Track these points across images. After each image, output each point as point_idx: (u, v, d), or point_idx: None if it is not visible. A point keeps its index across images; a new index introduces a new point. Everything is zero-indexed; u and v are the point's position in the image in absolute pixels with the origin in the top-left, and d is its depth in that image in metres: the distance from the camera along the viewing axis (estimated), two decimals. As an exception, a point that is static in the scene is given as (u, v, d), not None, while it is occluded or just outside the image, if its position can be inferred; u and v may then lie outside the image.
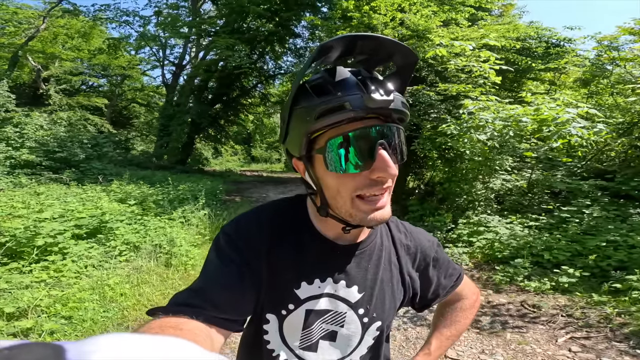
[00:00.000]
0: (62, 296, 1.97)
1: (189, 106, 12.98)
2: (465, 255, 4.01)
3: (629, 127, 4.68)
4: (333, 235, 0.56)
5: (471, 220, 4.78)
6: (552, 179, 5.02)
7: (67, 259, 2.58)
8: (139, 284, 2.62)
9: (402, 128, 0.49)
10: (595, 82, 5.34)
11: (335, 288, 0.56)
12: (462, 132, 4.14)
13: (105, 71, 16.00)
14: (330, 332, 0.58)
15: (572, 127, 3.18)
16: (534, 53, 6.16)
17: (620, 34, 4.37)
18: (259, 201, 7.89)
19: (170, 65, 14.49)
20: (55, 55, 13.54)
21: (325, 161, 0.47)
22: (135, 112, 18.76)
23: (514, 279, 3.27)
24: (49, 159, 7.09)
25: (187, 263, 3.40)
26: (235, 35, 10.37)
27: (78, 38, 14.65)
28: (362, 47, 0.47)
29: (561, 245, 3.54)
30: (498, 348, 2.23)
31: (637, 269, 2.79)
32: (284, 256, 0.55)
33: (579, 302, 2.73)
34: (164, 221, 4.31)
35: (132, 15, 12.93)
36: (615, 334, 2.26)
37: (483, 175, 5.22)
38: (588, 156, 5.35)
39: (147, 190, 6.09)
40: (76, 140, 8.24)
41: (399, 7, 5.92)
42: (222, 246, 0.54)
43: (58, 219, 3.29)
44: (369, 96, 0.43)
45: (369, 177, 0.47)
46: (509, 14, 8.04)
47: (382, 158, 0.46)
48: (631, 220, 3.69)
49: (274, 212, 0.59)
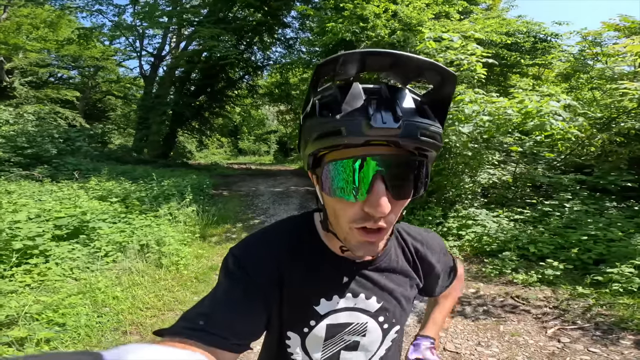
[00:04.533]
0: (51, 302, 1.84)
1: (170, 98, 12.46)
2: (456, 249, 4.13)
3: (607, 122, 4.92)
4: (345, 253, 0.55)
5: (460, 214, 4.91)
6: (534, 173, 5.23)
7: (50, 261, 2.41)
8: (130, 286, 2.50)
9: (421, 159, 0.44)
10: (575, 76, 5.55)
11: (355, 302, 0.56)
12: (447, 124, 4.21)
13: (76, 62, 15.00)
14: (352, 342, 0.59)
15: (553, 120, 3.30)
16: (521, 48, 6.32)
17: (605, 30, 4.53)
18: (249, 195, 7.75)
19: (149, 56, 13.77)
20: (19, 46, 12.51)
21: (324, 181, 0.45)
22: (111, 105, 17.81)
23: (503, 271, 3.40)
24: (17, 155, 6.60)
25: (179, 263, 3.29)
26: (221, 25, 9.99)
27: (44, 28, 13.56)
28: (373, 63, 0.42)
29: (545, 239, 3.71)
30: (493, 340, 2.31)
31: (616, 261, 2.97)
32: (299, 276, 0.54)
33: (564, 294, 2.88)
34: (149, 219, 4.14)
35: (106, 4, 12.11)
36: (598, 325, 2.40)
37: (471, 169, 5.37)
38: (567, 150, 5.62)
39: (129, 186, 5.82)
40: (46, 135, 7.70)
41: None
42: (230, 268, 0.52)
43: (35, 220, 3.07)
44: (368, 123, 0.39)
45: (362, 209, 0.43)
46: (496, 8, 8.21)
47: (375, 192, 0.42)
48: (608, 214, 3.92)
49: (283, 231, 0.58)
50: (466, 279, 3.43)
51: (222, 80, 13.78)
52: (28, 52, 13.00)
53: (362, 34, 5.93)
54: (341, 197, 0.44)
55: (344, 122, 0.40)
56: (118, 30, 12.10)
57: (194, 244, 4.17)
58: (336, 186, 0.43)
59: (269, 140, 25.74)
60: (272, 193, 8.00)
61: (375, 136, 0.39)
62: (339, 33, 5.92)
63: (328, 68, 0.41)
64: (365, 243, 0.46)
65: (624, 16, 4.19)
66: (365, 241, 0.45)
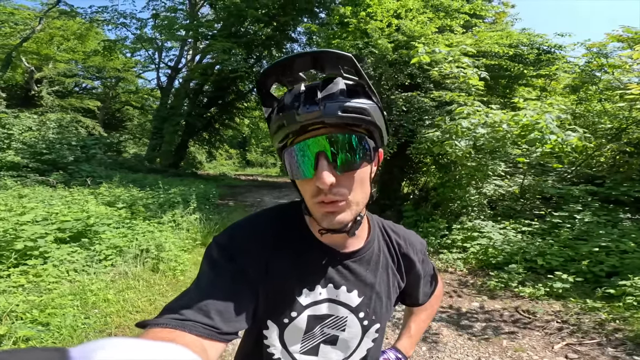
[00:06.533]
0: (40, 302, 1.86)
1: (184, 109, 12.88)
2: (460, 261, 3.99)
3: (617, 132, 4.76)
4: (329, 241, 0.57)
5: (465, 226, 4.77)
6: (543, 185, 5.06)
7: (47, 263, 2.46)
8: (123, 290, 2.52)
9: (352, 133, 0.48)
10: (584, 88, 5.44)
11: (337, 293, 0.57)
12: (444, 138, 4.16)
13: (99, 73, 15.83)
14: (331, 336, 0.58)
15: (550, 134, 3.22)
16: (525, 59, 6.27)
17: (609, 41, 4.47)
18: (254, 205, 7.80)
19: (166, 68, 14.42)
20: (50, 57, 13.35)
21: (285, 169, 0.52)
22: (129, 115, 18.56)
23: (508, 284, 3.25)
24: (36, 161, 6.90)
25: (176, 268, 3.29)
26: (233, 39, 10.39)
27: (74, 40, 14.46)
28: (298, 66, 0.48)
29: (554, 251, 3.54)
30: (494, 355, 2.18)
31: (630, 274, 2.79)
32: (284, 264, 0.54)
33: (574, 307, 2.71)
34: (153, 225, 4.19)
35: (130, 17, 12.86)
36: (610, 340, 2.24)
37: (476, 181, 5.25)
38: (577, 162, 5.42)
39: (137, 193, 5.96)
40: (65, 142, 8.05)
41: (395, 13, 6.00)
42: (214, 257, 0.52)
43: (41, 222, 3.16)
44: (296, 112, 0.46)
45: (315, 184, 0.48)
46: (501, 22, 8.22)
47: (319, 168, 0.47)
48: (622, 226, 3.73)
49: (269, 219, 0.59)
50: (470, 292, 3.29)
51: (233, 93, 14.20)
52: (57, 63, 13.84)
53: (366, 48, 6.04)
54: (297, 178, 0.51)
55: (285, 114, 0.47)
56: (139, 43, 12.74)
57: (194, 251, 4.19)
58: (291, 169, 0.51)
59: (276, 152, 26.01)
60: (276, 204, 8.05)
61: (305, 120, 0.46)
62: (344, 48, 6.05)
63: (269, 78, 0.50)
64: (326, 214, 0.49)
65: (627, 27, 4.13)
66: (325, 212, 0.49)
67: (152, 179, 8.38)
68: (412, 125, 5.77)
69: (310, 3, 10.62)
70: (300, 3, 10.48)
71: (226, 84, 12.93)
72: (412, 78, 6.08)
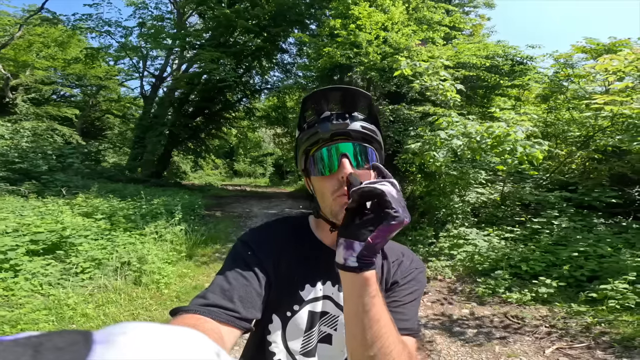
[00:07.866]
0: (11, 317, 1.70)
1: (167, 118, 12.60)
2: (448, 269, 4.04)
3: (585, 140, 5.06)
4: (331, 243, 0.65)
5: (451, 233, 4.86)
6: (522, 192, 5.28)
7: (19, 276, 2.28)
8: (104, 304, 2.35)
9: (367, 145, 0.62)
10: (553, 97, 5.77)
11: (333, 291, 0.64)
12: (424, 149, 4.28)
13: (80, 81, 15.29)
14: (326, 334, 0.64)
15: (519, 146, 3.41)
16: (501, 70, 6.64)
17: (574, 52, 4.81)
18: (242, 216, 7.62)
19: (150, 76, 14.11)
20: (28, 64, 12.78)
21: (312, 168, 0.63)
22: (109, 124, 17.93)
23: (496, 290, 3.30)
24: (7, 170, 6.49)
25: (160, 281, 3.14)
26: (221, 49, 10.36)
27: (54, 47, 13.95)
28: (333, 97, 0.63)
29: (536, 256, 3.66)
30: (487, 361, 2.19)
31: (610, 278, 2.91)
32: (290, 261, 0.64)
33: (560, 312, 2.79)
34: (134, 237, 4.00)
35: (115, 25, 12.60)
36: (598, 343, 2.30)
37: (459, 189, 5.40)
38: (551, 169, 5.71)
39: (117, 204, 5.69)
40: (39, 151, 7.65)
41: (383, 26, 6.24)
42: (239, 250, 0.63)
43: (11, 234, 2.94)
44: (331, 123, 0.60)
45: (337, 178, 0.58)
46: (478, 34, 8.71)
47: (343, 164, 0.59)
48: (597, 230, 3.92)
49: (281, 224, 0.71)
50: (460, 299, 3.32)
51: (220, 102, 14.05)
52: (35, 70, 13.24)
53: (356, 58, 6.22)
54: (322, 175, 0.61)
55: (320, 126, 0.61)
56: (124, 51, 12.43)
57: (178, 263, 4.02)
58: (318, 167, 0.61)
59: (265, 162, 25.81)
60: (265, 215, 7.89)
61: (336, 129, 0.60)
62: (334, 57, 6.19)
63: (309, 102, 0.63)
64: (344, 205, 0.56)
65: (589, 39, 4.48)
66: (344, 203, 0.57)
67: (132, 189, 8.04)
68: (398, 135, 5.92)
69: (301, 15, 10.84)
70: (292, 15, 10.67)
71: (213, 93, 12.80)
72: (398, 87, 6.30)
